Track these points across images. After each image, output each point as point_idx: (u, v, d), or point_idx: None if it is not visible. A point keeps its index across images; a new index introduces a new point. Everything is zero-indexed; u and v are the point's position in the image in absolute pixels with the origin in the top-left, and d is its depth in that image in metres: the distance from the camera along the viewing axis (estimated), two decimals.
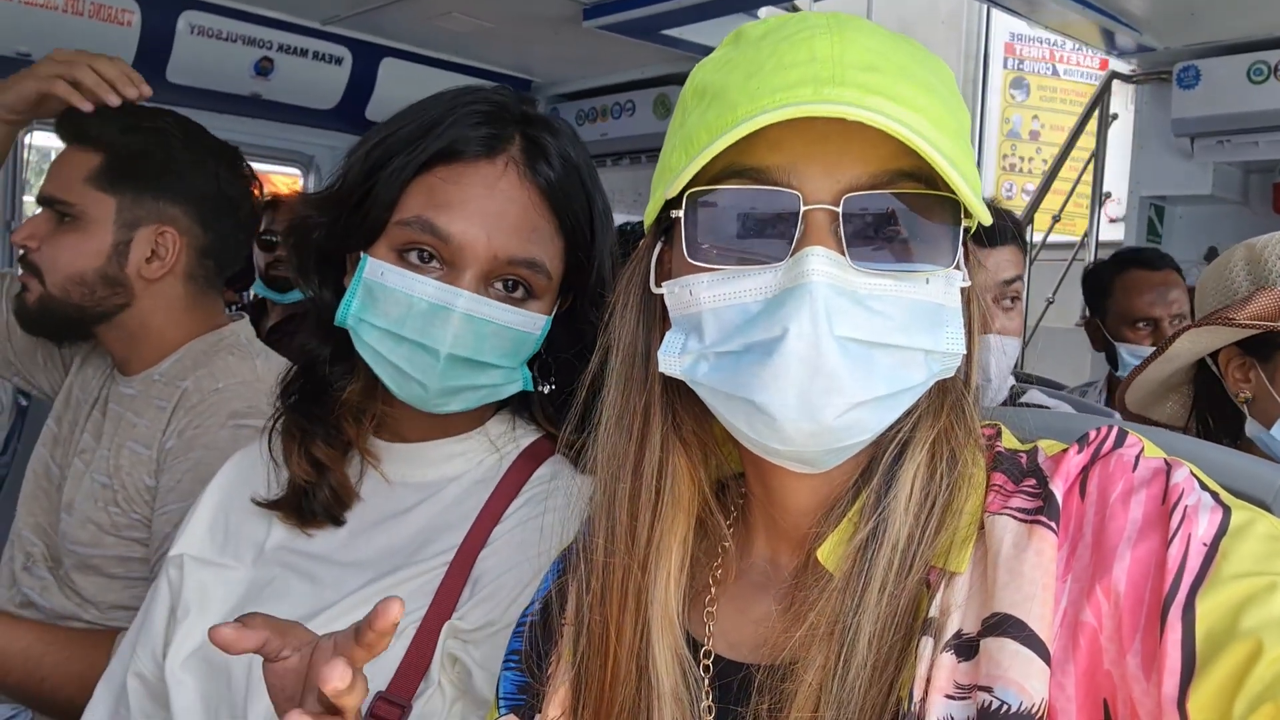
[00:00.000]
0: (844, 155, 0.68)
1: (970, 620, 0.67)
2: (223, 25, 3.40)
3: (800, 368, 0.65)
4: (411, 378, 1.05)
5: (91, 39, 3.23)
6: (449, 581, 1.04)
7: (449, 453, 1.15)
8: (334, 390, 1.14)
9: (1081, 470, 0.70)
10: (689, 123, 0.74)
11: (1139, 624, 0.61)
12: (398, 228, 1.05)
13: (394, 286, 1.04)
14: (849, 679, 0.67)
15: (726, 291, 0.70)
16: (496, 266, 1.05)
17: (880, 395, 0.68)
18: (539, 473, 1.13)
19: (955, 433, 0.74)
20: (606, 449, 0.81)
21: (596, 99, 4.33)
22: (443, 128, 1.06)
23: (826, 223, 0.67)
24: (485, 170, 1.06)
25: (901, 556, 0.70)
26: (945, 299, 0.71)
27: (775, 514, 0.80)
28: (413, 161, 1.05)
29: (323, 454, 1.13)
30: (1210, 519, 0.63)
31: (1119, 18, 3.23)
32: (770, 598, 0.78)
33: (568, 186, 1.10)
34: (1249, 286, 1.54)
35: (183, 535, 1.20)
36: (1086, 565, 0.65)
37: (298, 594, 1.09)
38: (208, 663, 1.09)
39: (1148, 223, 3.96)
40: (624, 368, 0.81)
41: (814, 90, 0.67)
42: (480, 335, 1.05)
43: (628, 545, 0.79)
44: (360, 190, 1.07)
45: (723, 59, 0.74)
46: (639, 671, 0.77)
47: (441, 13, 3.39)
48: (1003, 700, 0.62)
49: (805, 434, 0.67)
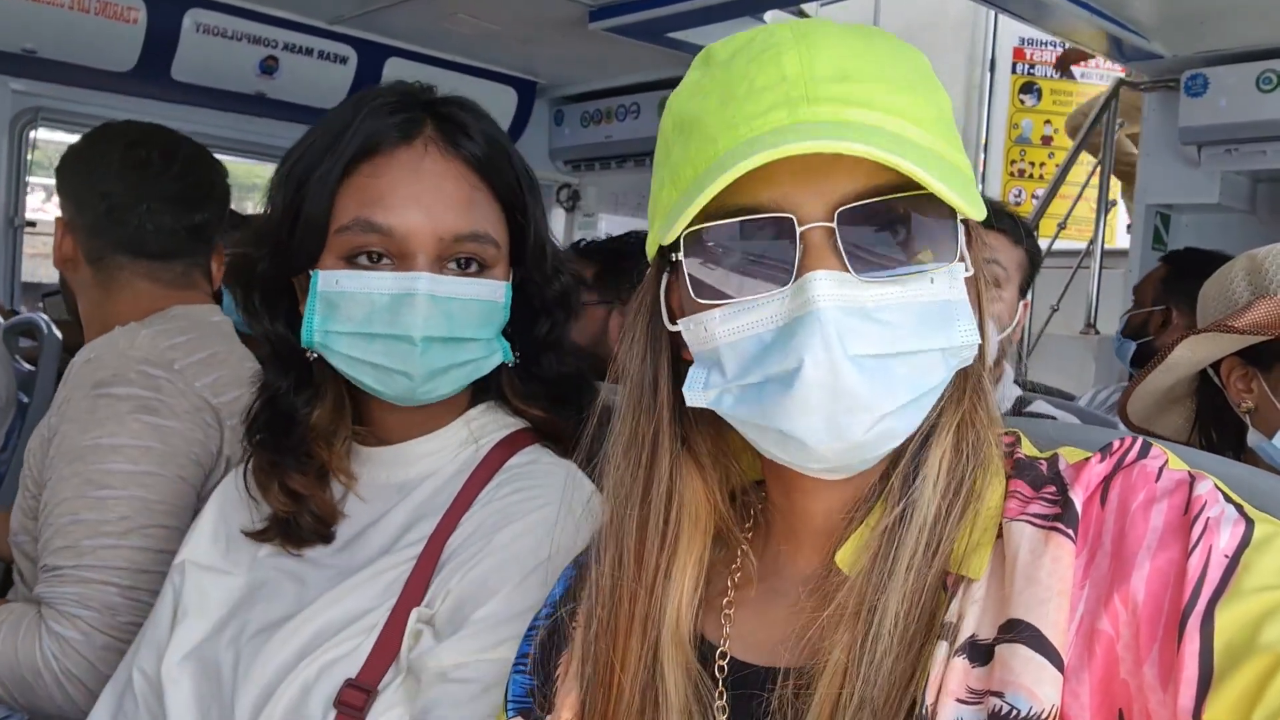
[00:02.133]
0: (831, 172, 0.68)
1: (986, 626, 0.66)
2: (228, 23, 3.40)
3: (821, 394, 0.66)
4: (394, 371, 1.05)
5: (97, 36, 3.23)
6: (419, 569, 1.05)
7: (428, 449, 1.15)
8: (300, 418, 1.14)
9: (1103, 479, 0.70)
10: (673, 156, 0.74)
11: (1157, 634, 0.60)
12: (338, 237, 1.06)
13: (352, 290, 1.04)
14: (874, 665, 0.67)
15: (739, 325, 0.71)
16: (444, 247, 1.06)
17: (904, 403, 0.68)
18: (513, 460, 1.14)
19: (978, 414, 0.75)
20: (614, 477, 0.82)
21: (601, 101, 4.33)
22: (354, 127, 1.07)
23: (824, 240, 0.68)
24: (404, 156, 1.07)
25: (928, 538, 0.70)
26: (952, 293, 0.71)
27: (795, 517, 0.80)
28: (334, 168, 1.05)
29: (298, 484, 1.13)
30: (1233, 531, 0.63)
31: (1127, 25, 3.23)
32: (789, 601, 0.78)
33: (492, 155, 1.11)
34: (1249, 295, 1.54)
35: (188, 543, 1.22)
36: (1105, 573, 0.65)
37: (287, 595, 1.11)
38: (200, 662, 1.10)
39: (1154, 231, 3.95)
40: (632, 397, 0.81)
41: (789, 112, 0.67)
42: (449, 313, 1.05)
43: (635, 573, 0.79)
44: (291, 211, 1.07)
45: (695, 86, 0.75)
46: (643, 694, 0.77)
47: (447, 13, 3.39)
48: (1013, 705, 0.61)
49: (837, 452, 0.68)
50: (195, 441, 1.48)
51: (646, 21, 3.27)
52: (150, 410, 1.44)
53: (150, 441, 1.42)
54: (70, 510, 1.37)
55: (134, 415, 1.42)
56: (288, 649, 1.04)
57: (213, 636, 1.12)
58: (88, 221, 1.65)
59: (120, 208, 1.64)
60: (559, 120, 4.82)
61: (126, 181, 1.64)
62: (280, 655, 1.04)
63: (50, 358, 2.41)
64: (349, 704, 0.98)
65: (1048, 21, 3.30)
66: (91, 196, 1.64)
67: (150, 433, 1.42)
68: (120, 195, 1.64)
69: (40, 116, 3.43)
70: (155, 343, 1.51)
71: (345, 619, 1.04)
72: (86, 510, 1.37)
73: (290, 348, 1.12)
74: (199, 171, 1.73)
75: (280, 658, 1.03)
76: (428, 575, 1.04)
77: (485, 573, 1.01)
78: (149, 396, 1.45)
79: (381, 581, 1.05)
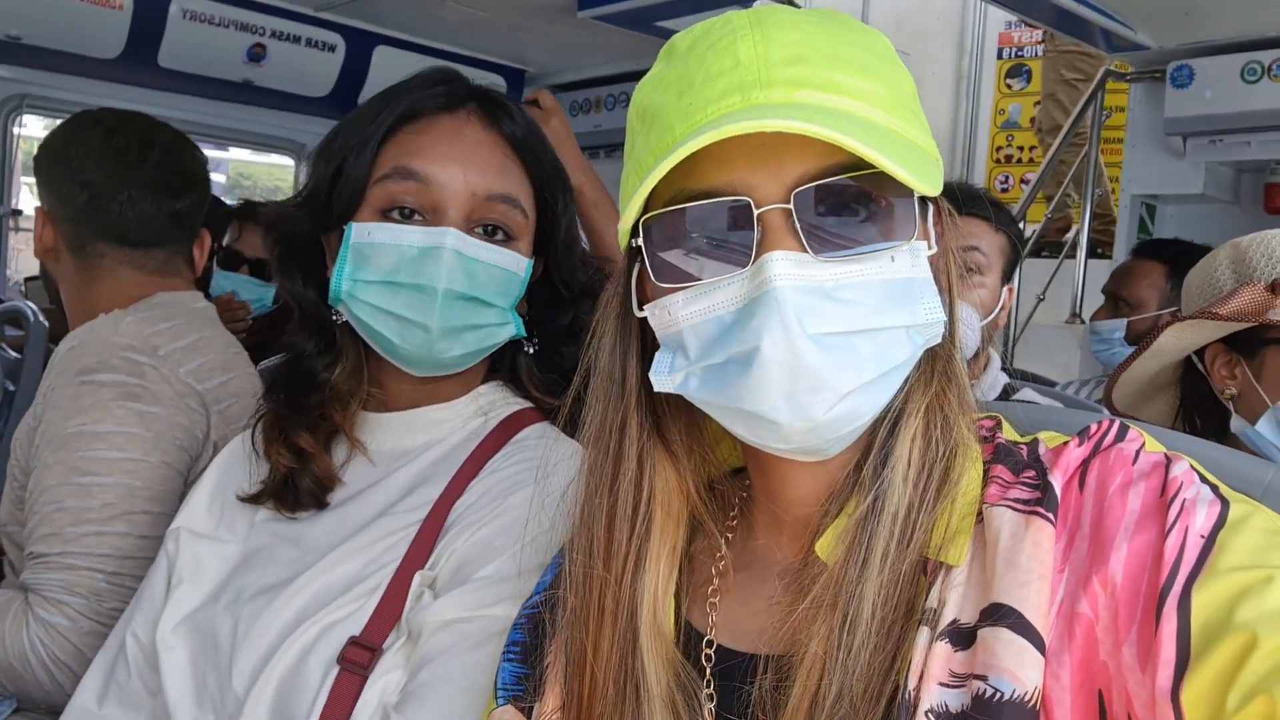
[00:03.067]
0: (786, 154, 0.68)
1: (968, 610, 0.67)
2: (215, 10, 3.38)
3: (781, 373, 0.66)
4: (413, 322, 1.08)
5: (83, 22, 3.21)
6: (424, 532, 1.06)
7: (436, 418, 1.17)
8: (320, 380, 1.17)
9: (1081, 463, 0.70)
10: (637, 148, 0.75)
11: (1135, 615, 0.61)
12: (376, 187, 1.10)
13: (383, 241, 1.08)
14: (851, 655, 0.68)
15: (700, 308, 0.71)
16: (476, 206, 1.10)
17: (868, 380, 0.68)
18: (524, 432, 1.16)
19: (948, 398, 0.75)
20: (585, 466, 0.83)
21: (590, 90, 4.32)
22: (400, 96, 1.12)
23: (782, 221, 0.68)
24: (447, 122, 1.13)
25: (902, 526, 0.70)
26: (914, 271, 0.71)
27: (776, 505, 0.81)
28: (379, 129, 1.10)
29: (306, 442, 1.15)
30: (1208, 512, 0.63)
31: (1114, 15, 3.24)
32: (772, 588, 0.78)
33: (532, 140, 1.16)
34: (1233, 283, 1.56)
35: (183, 510, 1.23)
36: (1084, 556, 0.65)
37: (283, 559, 1.12)
38: (196, 628, 1.11)
39: (1139, 221, 3.97)
40: (602, 386, 0.82)
41: (742, 97, 0.68)
42: (471, 273, 1.09)
43: (605, 561, 0.80)
44: (333, 170, 1.11)
45: (657, 78, 0.76)
46: (619, 682, 0.78)
47: (435, 1, 3.37)
48: (996, 688, 0.62)
49: (801, 432, 0.68)
50: (180, 427, 1.48)
51: (635, 10, 3.27)
52: (134, 397, 1.44)
53: (134, 428, 1.42)
54: (55, 498, 1.38)
55: (118, 402, 1.43)
56: (287, 612, 1.05)
57: (208, 603, 1.13)
58: (69, 211, 1.65)
59: (101, 196, 1.63)
60: None
61: (106, 170, 1.64)
62: (280, 619, 1.04)
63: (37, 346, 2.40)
64: (354, 661, 0.99)
65: (1035, 12, 3.31)
66: (72, 186, 1.64)
67: (135, 419, 1.43)
68: (101, 184, 1.63)
69: (26, 104, 3.42)
70: (139, 329, 1.51)
71: (346, 582, 1.05)
72: (71, 498, 1.37)
73: (318, 311, 1.16)
74: (179, 159, 1.73)
75: (280, 621, 1.04)
76: (432, 539, 1.06)
77: (492, 534, 1.03)
78: (133, 383, 1.45)
79: (383, 544, 1.06)
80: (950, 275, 0.77)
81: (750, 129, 0.64)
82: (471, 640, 0.97)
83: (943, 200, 0.76)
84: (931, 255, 0.73)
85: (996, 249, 1.96)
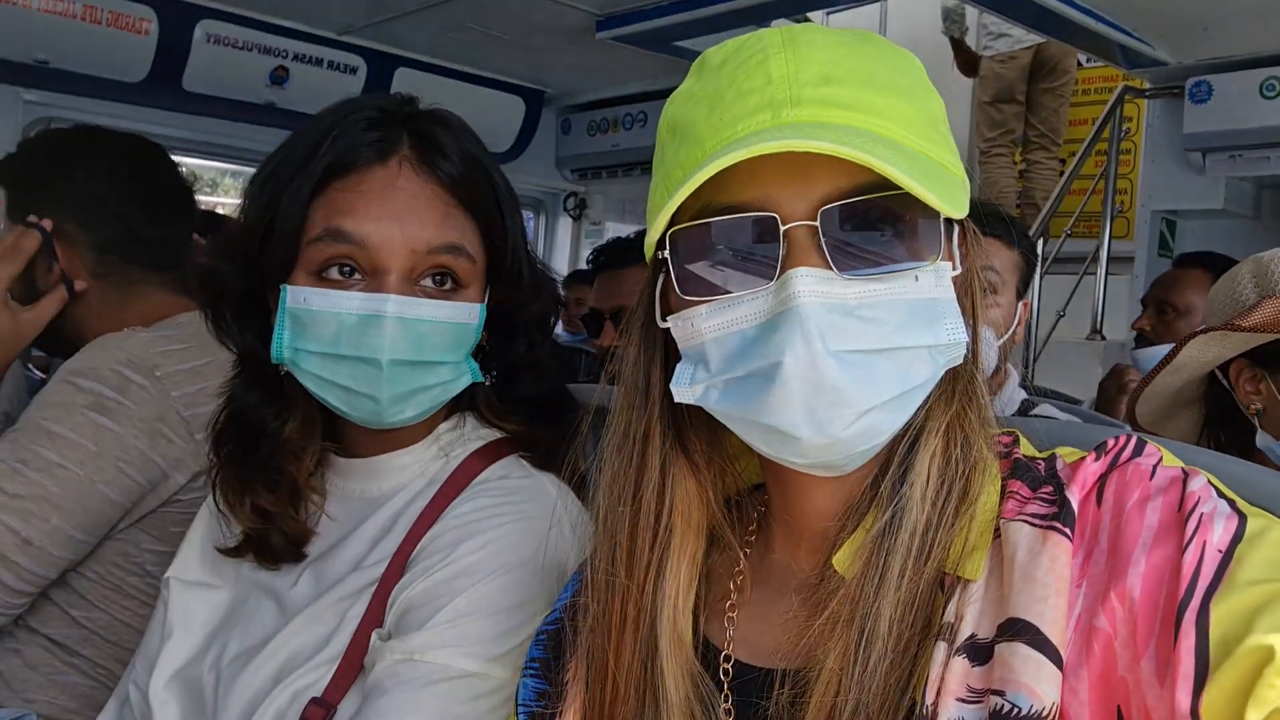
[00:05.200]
0: (814, 172, 0.69)
1: (985, 625, 0.67)
2: (239, 34, 3.44)
3: (802, 388, 0.66)
4: (359, 394, 1.03)
5: (109, 47, 3.27)
6: (380, 588, 1.04)
7: (400, 464, 1.14)
8: (270, 432, 1.12)
9: (1099, 478, 0.70)
10: (666, 161, 0.76)
11: (1153, 630, 0.61)
12: (309, 248, 1.03)
13: (319, 308, 1.02)
14: (868, 671, 0.68)
15: (723, 321, 0.71)
16: (418, 261, 1.03)
17: (887, 399, 0.69)
18: (484, 474, 1.12)
19: (968, 417, 0.75)
20: (608, 475, 0.83)
21: (608, 110, 4.35)
22: (329, 142, 1.04)
23: (807, 239, 0.68)
24: (379, 174, 1.04)
25: (920, 544, 0.70)
26: (938, 291, 0.71)
27: (794, 521, 0.81)
28: (307, 182, 1.03)
29: (268, 503, 1.11)
30: (1226, 526, 0.63)
31: (1133, 33, 3.24)
32: (789, 603, 0.78)
33: (469, 174, 1.08)
34: (1256, 297, 1.55)
35: (176, 560, 1.22)
36: (1102, 571, 0.65)
37: (265, 613, 1.11)
38: (185, 685, 1.11)
39: (1159, 237, 3.95)
40: (626, 396, 0.82)
41: (772, 115, 0.69)
42: (418, 335, 1.03)
43: (627, 568, 0.80)
44: (263, 224, 1.05)
45: (688, 92, 0.76)
46: (640, 690, 0.78)
47: (456, 24, 3.41)
48: (1014, 704, 0.62)
49: (819, 447, 0.69)
50: (134, 450, 1.45)
51: (653, 30, 3.29)
52: (103, 410, 1.43)
53: (84, 439, 1.41)
54: None
55: (83, 410, 1.42)
56: (261, 675, 1.04)
57: (197, 658, 1.12)
58: (100, 240, 1.65)
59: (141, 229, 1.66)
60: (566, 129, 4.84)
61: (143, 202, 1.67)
62: (255, 682, 1.04)
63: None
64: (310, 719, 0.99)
65: (1055, 29, 3.31)
66: (108, 220, 1.65)
67: (90, 430, 1.42)
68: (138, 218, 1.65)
69: (53, 127, 3.46)
70: (147, 348, 1.51)
71: (312, 646, 1.04)
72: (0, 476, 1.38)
73: (260, 361, 1.10)
74: (182, 179, 1.76)
75: (255, 684, 1.04)
76: (387, 593, 1.03)
77: (433, 585, 1.00)
78: (109, 397, 1.44)
79: (348, 603, 1.05)
80: (974, 296, 0.77)
81: (778, 149, 0.64)
82: (417, 681, 0.95)
83: (969, 222, 0.77)
84: (955, 275, 0.73)
85: (1011, 266, 1.95)
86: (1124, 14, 3.12)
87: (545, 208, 5.55)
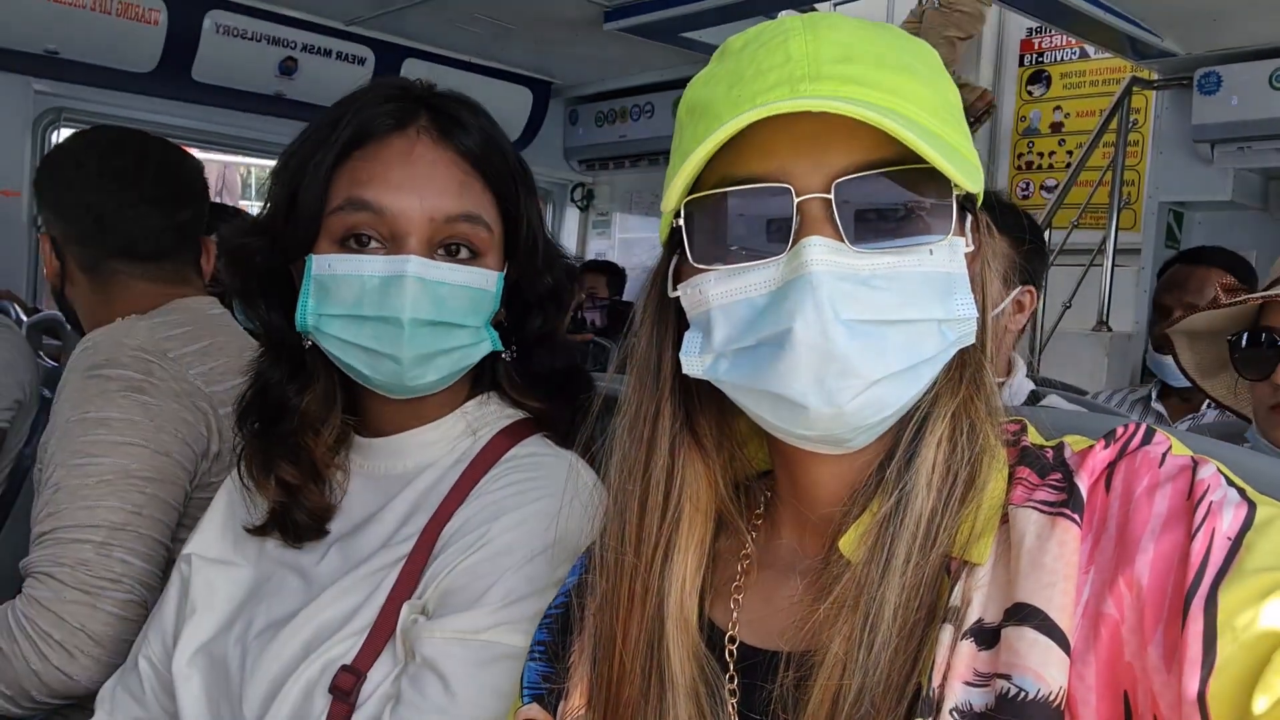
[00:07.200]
0: (830, 147, 0.69)
1: (992, 610, 0.67)
2: (248, 25, 3.44)
3: (811, 356, 0.67)
4: (382, 354, 1.06)
5: (119, 37, 3.27)
6: (410, 563, 1.05)
7: (425, 440, 1.16)
8: (290, 406, 1.14)
9: (1108, 465, 0.70)
10: (684, 139, 0.76)
11: (1161, 616, 0.61)
12: (332, 218, 1.06)
13: (343, 273, 1.06)
14: (872, 655, 0.68)
15: (733, 287, 0.72)
16: (436, 229, 1.06)
17: (896, 370, 0.69)
18: (513, 450, 1.14)
19: (975, 405, 0.75)
20: (619, 454, 0.83)
21: (616, 101, 4.35)
22: (349, 117, 1.07)
23: (821, 211, 0.69)
24: (398, 143, 1.07)
25: (925, 530, 0.71)
26: (952, 266, 0.72)
27: (801, 503, 0.81)
28: (329, 154, 1.07)
29: (290, 475, 1.13)
30: (1235, 513, 0.64)
31: (1141, 23, 3.23)
32: (795, 586, 0.79)
33: (486, 148, 1.11)
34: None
35: (196, 535, 1.23)
36: (1110, 557, 0.65)
37: (291, 589, 1.12)
38: (210, 658, 1.12)
39: (1166, 228, 3.94)
40: (638, 374, 0.83)
41: (790, 89, 0.69)
42: (437, 297, 1.06)
43: (635, 547, 0.81)
44: (287, 200, 1.08)
45: (709, 75, 0.77)
46: (645, 670, 0.79)
47: (464, 14, 3.42)
48: (1021, 688, 0.62)
49: (828, 418, 0.69)
50: (184, 422, 1.49)
51: (661, 22, 3.29)
52: (139, 390, 1.46)
53: (136, 416, 1.44)
54: (55, 480, 1.39)
55: (123, 393, 1.45)
56: (291, 647, 1.05)
57: (221, 633, 1.14)
58: (76, 232, 1.68)
59: (106, 215, 1.66)
60: (574, 120, 4.83)
61: (108, 190, 1.67)
62: (284, 653, 1.05)
63: None
64: (340, 687, 1.00)
65: (1063, 20, 3.30)
66: (77, 209, 1.67)
67: (138, 409, 1.44)
68: (104, 204, 1.66)
69: (63, 117, 3.48)
70: (152, 333, 1.54)
71: (342, 617, 1.05)
72: (68, 478, 1.39)
73: (285, 336, 1.13)
74: (176, 170, 1.76)
75: (284, 656, 1.05)
76: (419, 568, 1.05)
77: (475, 564, 1.02)
78: (139, 379, 1.47)
79: (378, 577, 1.06)
80: (985, 286, 0.77)
81: (792, 108, 0.65)
82: (475, 659, 0.98)
83: (983, 214, 0.77)
84: (968, 254, 0.74)
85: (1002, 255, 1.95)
86: (1132, 5, 3.11)
87: (553, 198, 5.55)
